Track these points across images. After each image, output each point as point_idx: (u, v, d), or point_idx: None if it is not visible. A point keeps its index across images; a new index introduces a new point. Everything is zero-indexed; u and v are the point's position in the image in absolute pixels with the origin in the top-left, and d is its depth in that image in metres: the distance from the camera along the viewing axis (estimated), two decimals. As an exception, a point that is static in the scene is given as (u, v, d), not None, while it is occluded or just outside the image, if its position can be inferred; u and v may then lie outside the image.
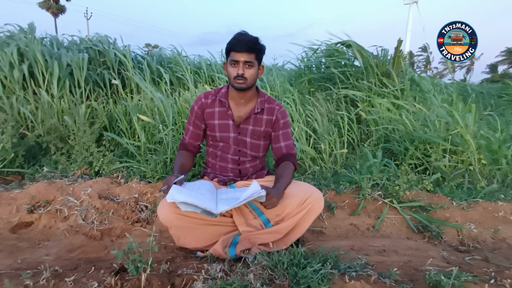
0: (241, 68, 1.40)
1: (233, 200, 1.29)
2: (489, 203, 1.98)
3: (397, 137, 2.66)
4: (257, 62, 1.44)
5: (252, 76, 1.43)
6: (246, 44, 1.38)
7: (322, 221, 1.82)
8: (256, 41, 1.41)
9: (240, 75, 1.40)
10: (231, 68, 1.42)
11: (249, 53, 1.39)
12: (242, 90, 1.46)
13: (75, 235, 1.60)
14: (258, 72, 1.47)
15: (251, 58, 1.40)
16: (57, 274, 1.11)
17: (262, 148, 1.62)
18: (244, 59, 1.39)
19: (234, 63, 1.41)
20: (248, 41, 1.39)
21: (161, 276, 1.08)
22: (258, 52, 1.43)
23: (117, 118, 2.72)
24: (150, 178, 2.09)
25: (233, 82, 1.44)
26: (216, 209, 1.22)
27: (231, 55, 1.41)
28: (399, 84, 3.27)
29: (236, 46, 1.39)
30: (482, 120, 3.39)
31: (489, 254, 1.51)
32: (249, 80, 1.43)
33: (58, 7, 29.07)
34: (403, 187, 1.95)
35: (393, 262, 1.33)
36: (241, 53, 1.38)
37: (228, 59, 1.44)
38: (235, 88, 1.46)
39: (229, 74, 1.44)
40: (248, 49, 1.38)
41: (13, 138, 2.23)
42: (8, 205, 1.76)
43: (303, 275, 1.04)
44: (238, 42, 1.39)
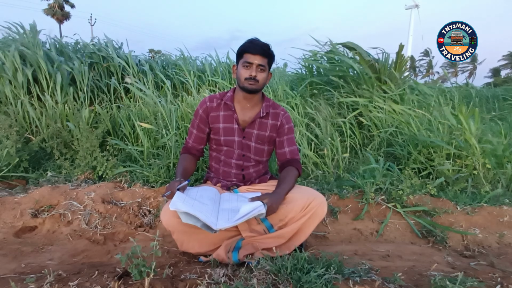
0: (254, 70, 1.42)
1: (234, 213, 1.29)
2: (493, 207, 1.96)
3: (400, 141, 2.65)
4: (268, 67, 1.47)
5: (263, 80, 1.46)
6: (261, 47, 1.42)
7: (326, 226, 1.81)
8: (269, 47, 1.46)
9: (253, 77, 1.42)
10: (244, 70, 1.44)
11: (263, 57, 1.43)
12: (251, 92, 1.47)
13: (78, 240, 1.61)
14: (267, 77, 1.50)
15: (264, 62, 1.43)
16: (60, 279, 1.11)
17: (266, 153, 1.63)
18: (258, 62, 1.42)
19: (247, 65, 1.43)
20: (263, 45, 1.43)
21: (164, 281, 1.08)
22: (270, 58, 1.47)
23: (120, 123, 2.74)
24: (153, 182, 2.09)
25: (243, 83, 1.45)
26: (216, 225, 1.21)
27: (244, 57, 1.43)
28: (400, 89, 3.27)
29: (251, 49, 1.42)
30: (485, 124, 3.37)
31: (495, 259, 1.49)
32: (260, 83, 1.45)
33: (63, 14, 29.47)
34: (406, 191, 1.94)
35: (398, 267, 1.32)
36: (255, 56, 1.41)
37: (240, 61, 1.46)
38: (244, 90, 1.47)
39: (240, 75, 1.45)
40: (263, 53, 1.42)
41: (17, 143, 2.25)
42: (12, 209, 1.77)
43: (307, 280, 1.03)
44: (253, 45, 1.42)
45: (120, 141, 2.61)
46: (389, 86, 3.26)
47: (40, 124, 2.59)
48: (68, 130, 2.55)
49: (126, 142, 2.62)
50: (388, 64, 3.46)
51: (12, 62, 2.82)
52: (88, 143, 2.25)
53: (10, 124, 2.33)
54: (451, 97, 3.78)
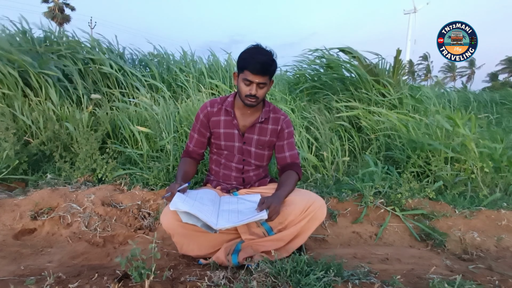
0: (254, 89, 1.39)
1: (234, 214, 1.29)
2: (492, 211, 1.97)
3: (399, 145, 2.67)
4: (269, 80, 1.44)
5: (263, 94, 1.44)
6: (262, 66, 1.36)
7: (325, 229, 1.82)
8: (271, 62, 1.39)
9: (252, 95, 1.40)
10: (244, 86, 1.41)
11: (264, 76, 1.38)
12: (252, 107, 1.47)
13: (78, 242, 1.60)
14: (269, 87, 1.48)
15: (265, 80, 1.40)
16: (60, 281, 1.11)
17: (266, 157, 1.63)
18: (258, 81, 1.38)
19: (247, 83, 1.40)
20: (264, 63, 1.36)
21: (164, 283, 1.08)
22: (272, 73, 1.43)
23: (120, 125, 2.75)
24: (153, 185, 2.09)
25: (244, 99, 1.44)
26: (217, 224, 1.22)
27: (245, 73, 1.39)
28: (397, 93, 3.29)
29: (251, 68, 1.36)
30: (482, 128, 3.40)
31: (493, 262, 1.50)
32: (260, 99, 1.44)
33: (63, 17, 29.50)
34: (405, 195, 1.95)
35: (396, 270, 1.33)
36: (255, 75, 1.37)
37: (240, 74, 1.42)
38: (245, 105, 1.47)
39: (241, 90, 1.43)
40: (263, 72, 1.37)
41: (16, 146, 2.25)
42: (12, 211, 1.77)
43: (306, 282, 1.04)
44: (254, 63, 1.36)
45: (119, 143, 2.62)
46: (388, 90, 3.29)
47: (39, 127, 2.59)
48: (67, 132, 2.56)
49: (125, 144, 2.62)
50: (386, 69, 3.49)
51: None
52: (88, 145, 2.26)
53: (7, 127, 2.34)
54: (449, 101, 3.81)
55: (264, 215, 1.26)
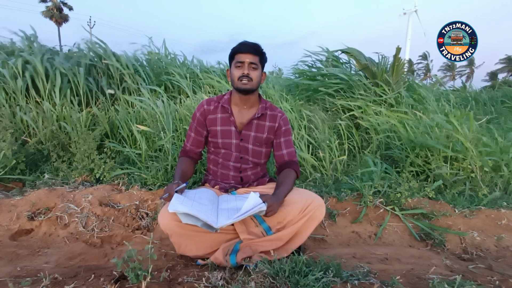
0: (246, 68, 1.44)
1: (233, 212, 1.29)
2: (491, 210, 1.97)
3: (398, 144, 2.66)
4: (260, 66, 1.49)
5: (257, 78, 1.47)
6: (251, 46, 1.45)
7: (324, 229, 1.81)
8: (260, 46, 1.49)
9: (245, 74, 1.44)
10: (236, 70, 1.46)
11: (254, 55, 1.45)
12: (247, 91, 1.47)
13: (75, 243, 1.59)
14: (261, 77, 1.51)
15: (256, 60, 1.46)
16: (56, 282, 1.10)
17: (264, 155, 1.62)
18: (249, 60, 1.44)
19: (239, 64, 1.45)
20: (253, 44, 1.47)
21: (161, 284, 1.07)
22: (262, 56, 1.49)
23: (118, 125, 2.73)
24: (151, 185, 2.08)
25: (237, 84, 1.46)
26: (217, 223, 1.22)
27: (236, 57, 1.46)
28: (395, 92, 3.28)
29: (241, 49, 1.45)
30: (481, 127, 3.39)
31: (493, 262, 1.49)
32: (254, 81, 1.46)
33: (61, 16, 29.40)
34: (404, 194, 1.94)
35: (396, 270, 1.32)
36: (246, 54, 1.44)
37: (232, 62, 1.48)
38: (239, 90, 1.48)
39: (234, 76, 1.47)
40: (254, 51, 1.45)
41: (13, 145, 2.24)
42: (9, 212, 1.76)
43: (305, 283, 1.03)
44: (243, 45, 1.46)
45: (117, 143, 2.61)
46: (383, 90, 3.28)
47: (37, 127, 2.57)
48: (65, 132, 2.54)
49: (124, 144, 2.61)
50: (386, 68, 3.48)
51: (12, 71, 2.83)
52: (86, 145, 2.25)
53: (4, 127, 2.32)
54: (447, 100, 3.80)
55: (263, 206, 1.27)
